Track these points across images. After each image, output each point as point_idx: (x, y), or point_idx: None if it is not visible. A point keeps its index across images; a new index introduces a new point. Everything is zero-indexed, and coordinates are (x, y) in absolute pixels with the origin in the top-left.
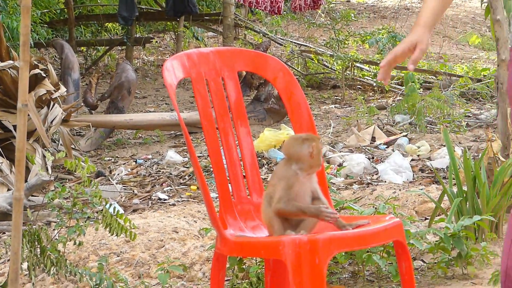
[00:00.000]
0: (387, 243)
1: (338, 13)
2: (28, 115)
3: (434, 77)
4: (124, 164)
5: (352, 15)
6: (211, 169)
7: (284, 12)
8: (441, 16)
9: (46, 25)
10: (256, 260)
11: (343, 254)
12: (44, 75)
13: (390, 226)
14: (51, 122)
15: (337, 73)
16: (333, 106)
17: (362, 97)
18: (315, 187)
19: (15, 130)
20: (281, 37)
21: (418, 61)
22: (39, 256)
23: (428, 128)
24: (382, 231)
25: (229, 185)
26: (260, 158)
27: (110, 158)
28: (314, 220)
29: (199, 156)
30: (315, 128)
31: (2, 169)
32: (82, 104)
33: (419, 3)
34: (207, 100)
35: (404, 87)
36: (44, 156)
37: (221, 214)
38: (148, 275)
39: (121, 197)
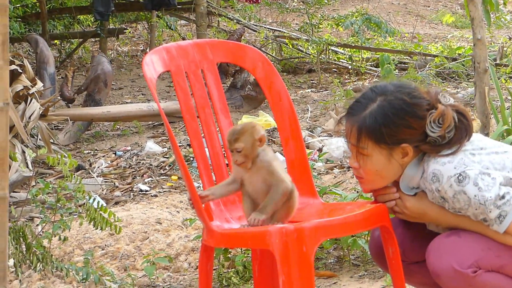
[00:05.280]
0: (373, 228)
1: None
2: None
3: (409, 58)
4: (103, 156)
5: None
6: (191, 159)
7: None
8: None
9: (19, 19)
10: (241, 249)
11: (328, 239)
12: (20, 71)
13: (375, 212)
14: (29, 117)
15: (312, 57)
16: (309, 90)
17: (338, 80)
18: (265, 177)
19: None
20: (255, 23)
21: None
22: (24, 253)
23: None
24: (368, 217)
25: (213, 175)
26: None
27: (89, 151)
28: (286, 211)
29: (178, 146)
30: (296, 115)
31: None
32: (59, 98)
33: None
34: (188, 93)
35: (380, 68)
36: (23, 152)
37: (206, 205)
38: (134, 267)
39: (103, 190)
